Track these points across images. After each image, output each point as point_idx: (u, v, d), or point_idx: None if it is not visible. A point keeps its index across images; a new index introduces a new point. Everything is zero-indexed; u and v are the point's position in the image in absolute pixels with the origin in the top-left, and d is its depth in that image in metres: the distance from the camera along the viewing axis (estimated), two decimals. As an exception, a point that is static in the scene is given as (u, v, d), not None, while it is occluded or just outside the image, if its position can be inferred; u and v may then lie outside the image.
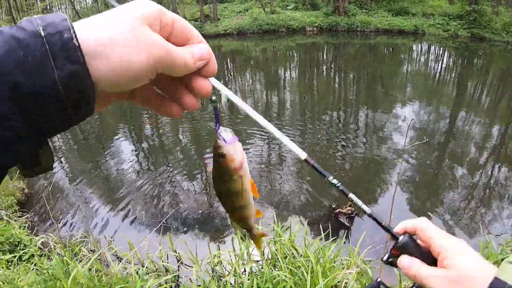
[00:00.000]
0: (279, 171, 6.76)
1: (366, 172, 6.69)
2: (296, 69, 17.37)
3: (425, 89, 13.17)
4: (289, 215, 5.31)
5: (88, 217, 5.57)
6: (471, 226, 5.17)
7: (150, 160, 7.62)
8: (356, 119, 9.68)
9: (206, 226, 5.20)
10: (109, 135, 9.15)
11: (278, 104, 11.60)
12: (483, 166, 6.97)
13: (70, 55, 0.36)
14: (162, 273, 3.76)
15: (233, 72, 17.15)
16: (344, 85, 14.05)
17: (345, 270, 2.96)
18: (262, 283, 2.74)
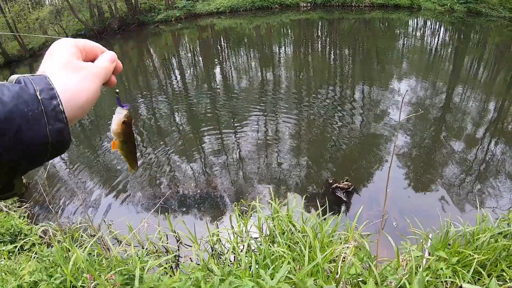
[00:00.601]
0: (276, 147, 6.76)
1: (363, 147, 6.71)
2: (291, 45, 17.17)
3: (421, 64, 13.07)
4: (287, 191, 5.34)
5: (87, 203, 5.59)
6: (467, 200, 5.22)
7: (147, 142, 7.59)
8: (352, 95, 9.63)
9: (204, 205, 5.23)
10: (104, 119, 9.09)
11: (274, 80, 11.50)
12: (479, 141, 6.99)
13: (58, 116, 0.52)
14: (162, 253, 3.80)
15: (227, 50, 16.93)
16: (340, 61, 13.93)
17: (343, 244, 2.99)
18: (260, 259, 2.77)
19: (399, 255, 2.93)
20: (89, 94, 0.59)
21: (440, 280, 2.71)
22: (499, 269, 2.79)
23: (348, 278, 2.66)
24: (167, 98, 10.35)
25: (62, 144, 0.53)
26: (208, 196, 5.41)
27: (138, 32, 24.20)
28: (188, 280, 2.34)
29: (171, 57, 16.22)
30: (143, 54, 17.34)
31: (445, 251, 2.93)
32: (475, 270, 2.73)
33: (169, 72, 13.57)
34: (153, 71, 13.67)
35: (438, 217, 3.78)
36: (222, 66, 13.77)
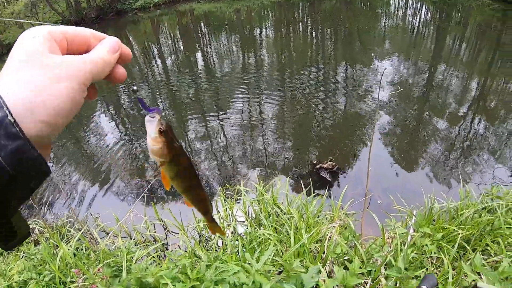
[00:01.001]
0: (260, 130, 6.75)
1: (347, 127, 6.74)
2: (272, 27, 17.02)
3: (403, 43, 13.09)
4: (272, 174, 5.34)
5: (72, 197, 5.50)
6: (451, 177, 5.30)
7: (130, 132, 7.49)
8: (335, 75, 9.63)
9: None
10: (88, 113, 8.90)
11: (256, 63, 11.41)
12: (462, 119, 7.08)
13: (8, 131, 0.37)
14: (151, 243, 3.78)
15: (208, 35, 16.69)
16: (321, 42, 13.87)
17: (328, 224, 3.01)
18: (247, 243, 2.77)
19: (384, 232, 2.97)
20: (62, 98, 0.43)
21: (426, 256, 2.75)
22: (484, 243, 2.84)
23: (335, 257, 2.68)
24: (149, 86, 10.19)
25: (30, 171, 0.40)
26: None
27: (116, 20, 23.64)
28: (175, 268, 2.33)
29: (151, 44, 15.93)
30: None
31: (429, 227, 2.98)
32: (460, 245, 2.79)
33: (149, 59, 13.35)
34: (133, 59, 13.41)
35: (422, 194, 3.83)
36: (203, 51, 13.58)
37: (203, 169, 5.68)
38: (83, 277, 2.69)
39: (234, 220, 3.26)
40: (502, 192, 3.54)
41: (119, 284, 2.36)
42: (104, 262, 2.78)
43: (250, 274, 1.92)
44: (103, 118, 8.27)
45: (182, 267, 2.35)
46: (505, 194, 3.43)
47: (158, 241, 3.79)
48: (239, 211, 3.53)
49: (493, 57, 11.42)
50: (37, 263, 2.97)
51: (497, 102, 7.89)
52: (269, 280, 1.89)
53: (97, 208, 5.10)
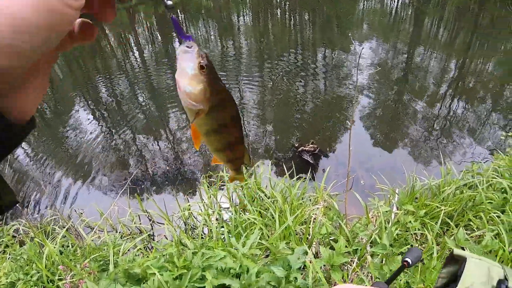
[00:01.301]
0: (242, 117, 6.73)
1: (327, 110, 6.78)
2: (250, 13, 16.87)
3: (382, 26, 13.17)
4: (254, 158, 5.34)
5: (55, 194, 5.38)
6: (432, 156, 5.40)
7: (111, 125, 7.35)
8: (314, 59, 9.63)
9: (173, 182, 5.17)
10: (66, 108, 8.68)
11: (234, 50, 11.30)
12: (441, 99, 7.20)
13: None
14: (137, 235, 3.75)
15: (185, 23, 16.43)
16: (300, 26, 13.84)
17: (313, 206, 3.03)
18: (233, 228, 2.77)
19: (368, 211, 3.01)
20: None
21: (410, 232, 2.81)
22: (466, 219, 2.91)
23: (320, 238, 2.71)
24: (128, 78, 9.98)
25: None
26: (176, 172, 5.35)
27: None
28: (162, 257, 2.32)
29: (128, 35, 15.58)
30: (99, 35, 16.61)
31: (412, 205, 3.03)
32: (443, 221, 2.85)
33: (127, 50, 13.05)
34: (110, 51, 13.10)
35: (404, 173, 3.89)
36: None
37: (186, 158, 5.64)
38: (71, 273, 2.66)
39: (219, 207, 3.25)
40: (482, 169, 3.63)
41: (107, 278, 2.34)
42: (91, 257, 2.75)
43: (237, 258, 1.92)
44: (82, 112, 8.08)
45: (168, 256, 2.34)
46: (485, 170, 3.51)
47: (144, 233, 3.75)
48: (223, 197, 3.52)
49: (471, 38, 11.60)
50: (24, 264, 2.92)
51: (475, 83, 8.04)
52: (256, 263, 1.90)
53: (81, 203, 5.01)
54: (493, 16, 13.60)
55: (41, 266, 2.67)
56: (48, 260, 2.79)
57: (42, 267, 2.66)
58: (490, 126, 6.20)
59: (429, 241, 2.58)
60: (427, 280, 2.16)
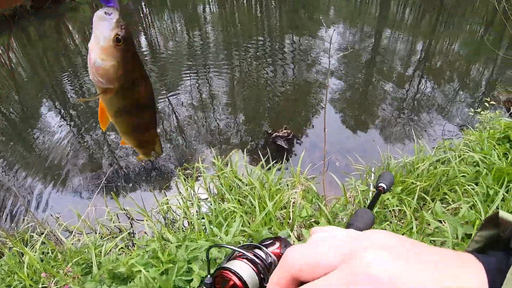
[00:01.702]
0: (212, 106, 6.69)
1: (298, 95, 6.83)
2: (215, 2, 16.67)
3: (349, 10, 13.31)
4: (228, 149, 5.33)
5: (29, 200, 5.20)
6: (404, 135, 5.54)
7: (80, 125, 7.14)
8: (282, 45, 9.64)
9: (149, 177, 5.11)
10: (34, 111, 8.36)
11: (202, 40, 11.15)
12: (410, 80, 7.38)
13: None
14: (117, 234, 3.69)
15: (150, 16, 16.08)
16: (266, 13, 13.81)
17: (291, 190, 3.07)
18: (213, 218, 2.77)
19: (346, 191, 3.07)
20: None
21: (388, 209, 2.88)
22: (442, 193, 3.00)
23: (301, 221, 2.74)
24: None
25: None
26: (151, 167, 5.28)
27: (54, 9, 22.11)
28: (145, 254, 2.29)
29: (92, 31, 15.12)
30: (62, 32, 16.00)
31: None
32: (419, 197, 2.93)
33: (92, 47, 12.68)
34: (75, 48, 12.68)
35: (378, 153, 3.97)
36: (146, 32, 13.08)
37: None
38: (54, 280, 2.60)
39: (197, 198, 3.23)
40: (454, 145, 3.76)
41: (91, 280, 2.30)
42: (73, 261, 2.69)
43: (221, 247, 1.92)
44: (49, 113, 7.82)
45: (152, 252, 2.31)
46: (457, 146, 3.63)
47: (123, 231, 3.70)
48: (201, 188, 3.51)
49: (436, 20, 11.89)
50: (5, 275, 2.82)
51: (442, 63, 8.27)
52: (238, 249, 1.91)
53: (56, 207, 4.87)
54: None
55: (23, 275, 2.59)
56: (29, 268, 2.72)
57: (24, 276, 2.58)
58: (458, 104, 6.41)
59: (408, 216, 2.65)
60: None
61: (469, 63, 8.17)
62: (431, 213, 2.63)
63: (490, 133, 3.66)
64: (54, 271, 2.65)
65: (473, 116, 5.43)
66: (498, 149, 3.31)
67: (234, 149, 5.20)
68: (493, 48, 6.74)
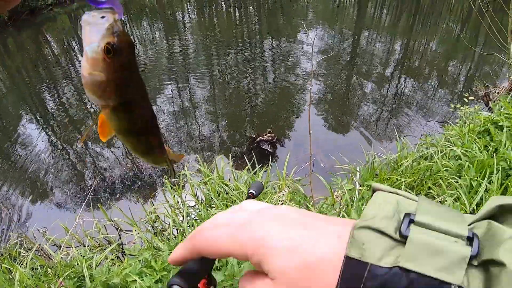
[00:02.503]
0: (194, 114, 6.69)
1: (279, 99, 6.89)
2: (194, 9, 16.66)
3: (326, 13, 13.49)
4: (213, 155, 5.35)
5: (14, 216, 5.10)
6: (387, 134, 5.65)
7: (62, 137, 7.04)
8: (262, 50, 9.72)
9: (134, 187, 5.08)
10: (13, 124, 8.19)
11: (181, 47, 11.15)
12: (389, 80, 7.52)
13: None
14: (106, 246, 3.65)
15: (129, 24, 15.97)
16: (245, 18, 13.89)
17: (278, 193, 3.10)
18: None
19: (333, 191, 3.12)
20: None
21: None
22: (426, 187, 3.08)
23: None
24: (73, 85, 9.58)
25: None
26: (136, 177, 5.25)
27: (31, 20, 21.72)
28: (138, 263, 2.29)
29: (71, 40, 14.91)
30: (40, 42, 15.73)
31: (374, 180, 3.18)
32: (405, 192, 3.00)
33: (71, 57, 12.49)
34: (54, 59, 12.49)
35: (362, 152, 4.05)
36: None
37: (141, 162, 5.54)
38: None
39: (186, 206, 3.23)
40: (436, 140, 3.86)
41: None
42: (64, 275, 2.66)
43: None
44: (29, 126, 7.68)
45: (145, 261, 2.31)
46: (439, 141, 3.73)
47: (112, 242, 3.67)
48: (188, 195, 3.51)
49: (413, 20, 12.14)
50: (-5, 293, 2.77)
51: (420, 62, 8.46)
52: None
53: (42, 221, 4.78)
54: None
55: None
56: (20, 285, 2.68)
57: (16, 293, 2.55)
58: (438, 101, 6.58)
59: (394, 213, 2.71)
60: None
61: (447, 60, 8.39)
62: (416, 207, 2.70)
63: (470, 127, 3.78)
64: (46, 286, 2.62)
65: (453, 112, 5.58)
66: (479, 143, 3.42)
67: (218, 155, 5.23)
68: (469, 45, 6.94)
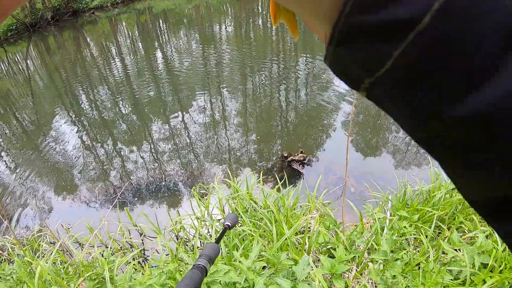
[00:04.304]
0: (225, 126, 6.71)
1: (311, 118, 6.82)
2: (231, 22, 16.93)
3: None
4: (242, 169, 5.33)
5: (41, 209, 5.22)
6: (418, 160, 5.49)
7: (93, 137, 7.22)
8: (296, 67, 9.71)
9: (161, 193, 5.11)
10: (48, 119, 8.49)
11: (217, 59, 11.31)
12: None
13: None
14: (128, 249, 3.67)
15: (167, 33, 16.37)
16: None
17: (308, 215, 3.04)
18: (228, 241, 2.75)
19: (362, 218, 3.04)
20: None
21: (405, 237, 2.85)
22: (458, 221, 2.97)
23: (317, 247, 2.72)
24: (109, 88, 9.86)
25: None
26: (162, 184, 5.28)
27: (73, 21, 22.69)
28: (163, 275, 2.28)
29: (110, 44, 15.43)
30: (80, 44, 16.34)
31: (405, 210, 3.08)
32: (435, 225, 2.91)
33: (108, 60, 12.90)
34: (92, 60, 12.93)
35: (393, 179, 3.94)
36: (162, 50, 13.31)
37: (171, 169, 5.58)
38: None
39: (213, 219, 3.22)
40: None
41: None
42: (85, 275, 2.67)
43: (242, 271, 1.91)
44: (62, 123, 7.93)
45: (169, 273, 2.30)
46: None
47: (135, 248, 3.68)
48: (215, 209, 3.50)
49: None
50: (14, 284, 2.80)
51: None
52: (260, 276, 1.89)
53: (66, 217, 4.86)
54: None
55: (33, 287, 2.58)
56: (39, 279, 2.70)
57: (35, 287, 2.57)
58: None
59: (424, 245, 2.62)
60: (426, 282, 2.20)
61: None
62: (448, 241, 2.60)
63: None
64: (65, 284, 2.63)
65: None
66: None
67: (246, 170, 5.21)
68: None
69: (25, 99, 9.91)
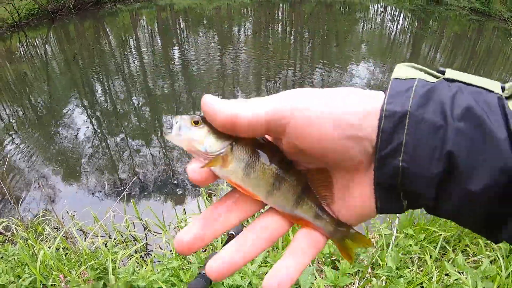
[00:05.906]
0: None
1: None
2: (251, 27, 16.99)
3: (380, 48, 13.39)
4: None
5: (47, 194, 5.25)
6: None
7: (105, 128, 7.28)
8: (312, 76, 9.71)
9: (168, 190, 5.12)
10: (61, 106, 8.57)
11: (234, 62, 11.35)
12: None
13: None
14: (131, 242, 3.68)
15: (186, 31, 16.48)
16: (300, 43, 13.99)
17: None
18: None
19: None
20: None
21: (410, 256, 2.83)
22: (463, 244, 2.94)
23: (321, 257, 2.70)
24: (124, 80, 9.93)
25: None
26: (171, 180, 5.30)
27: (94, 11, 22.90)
28: (166, 271, 2.28)
29: (129, 37, 15.55)
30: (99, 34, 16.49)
31: (412, 228, 3.06)
32: (441, 246, 2.87)
33: (126, 53, 12.99)
34: (110, 52, 13.03)
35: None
36: (180, 48, 13.39)
37: (178, 167, 5.59)
38: (65, 279, 2.59)
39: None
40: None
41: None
42: (87, 264, 2.68)
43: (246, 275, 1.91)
44: (75, 111, 7.99)
45: (173, 270, 2.30)
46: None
47: (138, 241, 3.69)
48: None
49: (467, 65, 11.85)
50: (15, 265, 2.81)
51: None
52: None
53: (72, 205, 4.89)
54: (489, 45, 13.94)
55: (35, 270, 2.59)
56: (41, 263, 2.71)
57: (37, 271, 2.58)
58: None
59: (429, 265, 2.59)
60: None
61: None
62: (452, 263, 2.57)
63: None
64: (66, 270, 2.64)
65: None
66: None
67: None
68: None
69: (40, 82, 10.00)
